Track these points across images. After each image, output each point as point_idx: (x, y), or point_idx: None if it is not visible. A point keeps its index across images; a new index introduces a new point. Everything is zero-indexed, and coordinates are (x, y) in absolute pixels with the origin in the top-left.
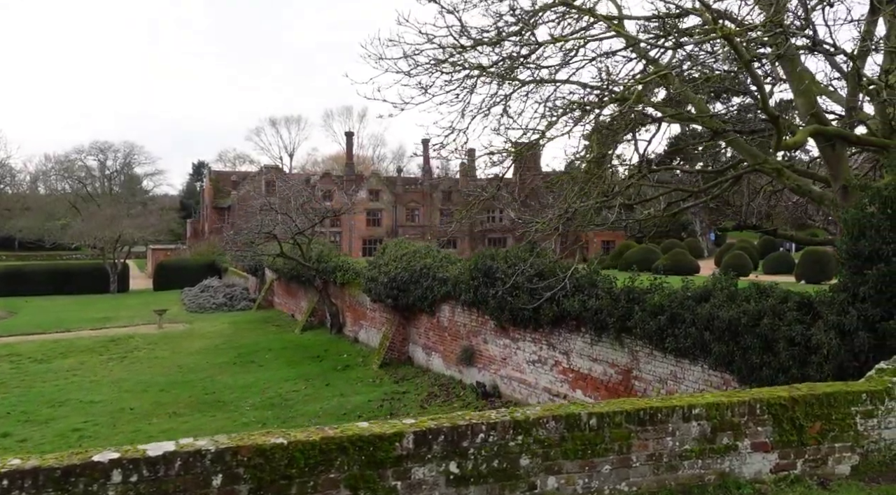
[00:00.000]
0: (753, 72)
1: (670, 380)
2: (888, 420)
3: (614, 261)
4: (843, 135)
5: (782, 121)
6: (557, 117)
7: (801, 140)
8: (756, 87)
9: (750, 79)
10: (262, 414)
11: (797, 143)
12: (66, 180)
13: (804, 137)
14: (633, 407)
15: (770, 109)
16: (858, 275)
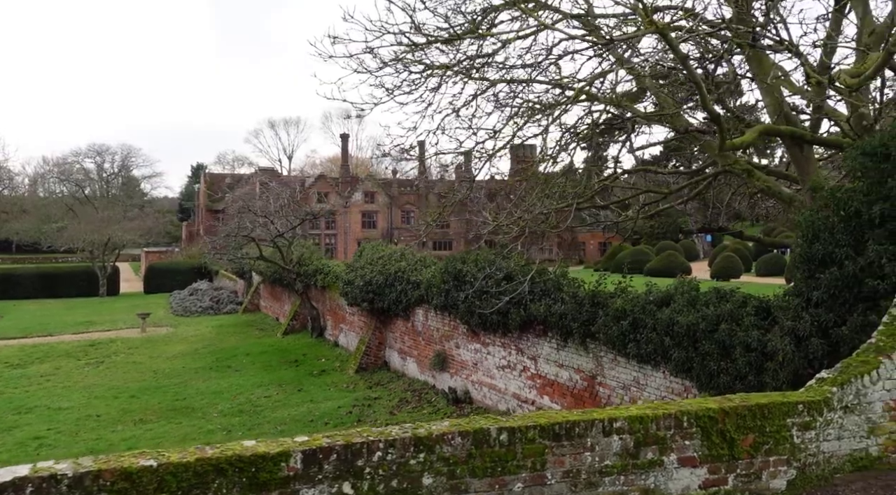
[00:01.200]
0: (689, 68)
1: (633, 387)
2: (827, 432)
3: (607, 263)
4: (797, 134)
5: (725, 119)
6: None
7: (750, 140)
8: (694, 83)
9: (687, 75)
10: (228, 421)
11: (745, 143)
12: (64, 183)
13: (754, 137)
14: (547, 420)
15: (711, 107)
16: (812, 280)
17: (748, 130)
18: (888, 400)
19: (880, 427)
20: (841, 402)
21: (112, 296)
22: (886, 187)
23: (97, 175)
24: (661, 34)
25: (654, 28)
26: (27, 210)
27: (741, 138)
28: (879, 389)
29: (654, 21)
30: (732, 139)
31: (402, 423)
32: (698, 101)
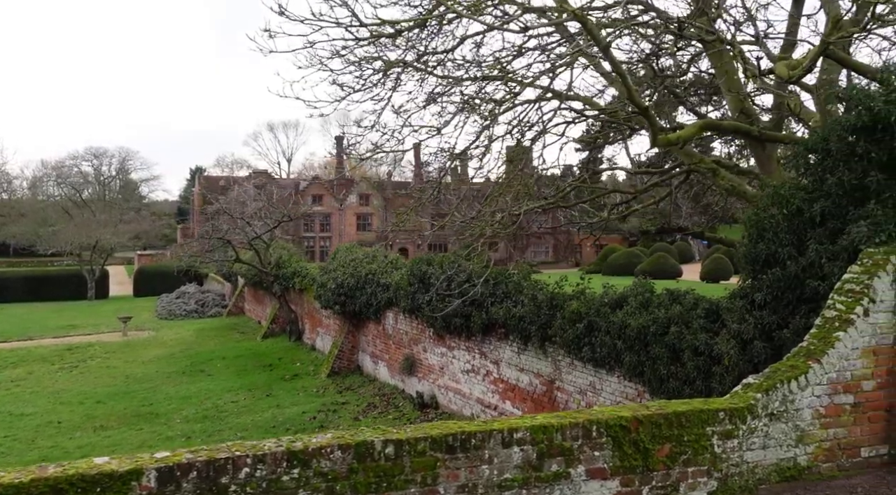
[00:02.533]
0: (612, 58)
1: (589, 391)
2: (751, 440)
3: (599, 264)
4: (741, 129)
5: (650, 111)
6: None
7: (688, 134)
8: (618, 75)
9: (610, 66)
10: (190, 428)
11: (683, 138)
12: (61, 186)
13: (694, 132)
14: (440, 432)
15: (638, 100)
16: (756, 281)
17: (688, 125)
18: (818, 407)
19: (809, 435)
20: (766, 409)
21: (101, 299)
22: (826, 184)
23: (94, 178)
24: (580, 21)
25: (573, 16)
26: (25, 213)
27: (679, 133)
28: (808, 395)
29: (574, 11)
30: (667, 134)
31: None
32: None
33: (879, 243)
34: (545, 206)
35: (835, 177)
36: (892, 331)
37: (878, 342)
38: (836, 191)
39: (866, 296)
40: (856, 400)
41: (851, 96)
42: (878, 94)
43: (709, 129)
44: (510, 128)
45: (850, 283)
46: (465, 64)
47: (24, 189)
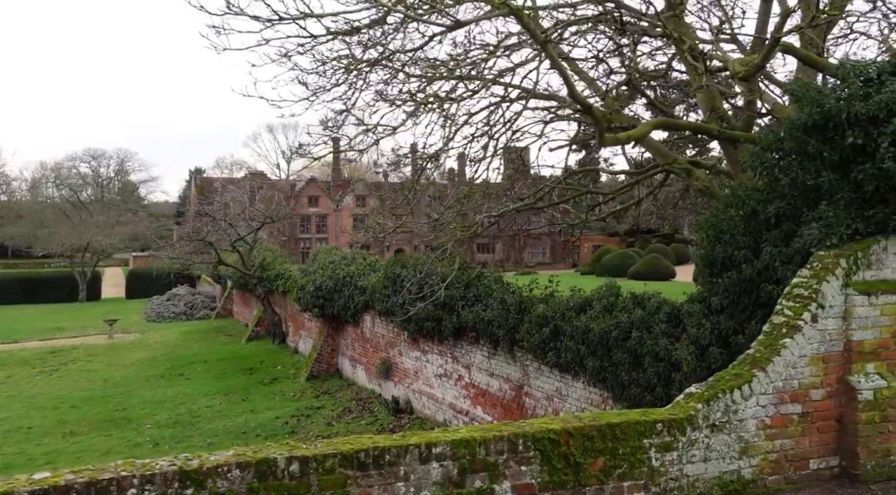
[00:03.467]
0: (550, 53)
1: (556, 397)
2: (692, 453)
3: (594, 266)
4: (699, 129)
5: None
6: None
7: (640, 134)
8: (557, 71)
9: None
10: (160, 434)
11: (635, 137)
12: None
13: (647, 130)
14: (350, 447)
15: (580, 97)
16: (713, 284)
17: (641, 123)
18: (763, 418)
19: (754, 447)
20: (707, 420)
21: (93, 301)
22: (780, 185)
23: (93, 180)
24: (515, 16)
25: (507, 10)
26: (23, 215)
27: (629, 132)
28: (752, 405)
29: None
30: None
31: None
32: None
33: (830, 246)
34: (520, 208)
35: (788, 178)
36: (843, 338)
37: (828, 349)
38: (791, 191)
39: (814, 301)
40: (804, 409)
41: (803, 94)
42: (829, 91)
43: (663, 128)
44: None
45: (798, 288)
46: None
47: (24, 191)
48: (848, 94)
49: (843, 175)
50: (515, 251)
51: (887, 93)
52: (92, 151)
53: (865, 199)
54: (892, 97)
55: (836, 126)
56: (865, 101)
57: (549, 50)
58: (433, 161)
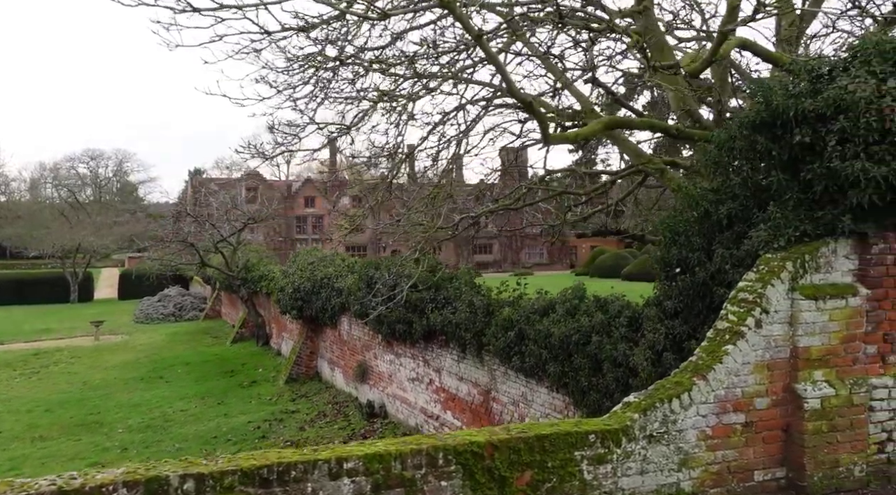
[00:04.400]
0: (486, 48)
1: (521, 402)
2: (627, 465)
3: (588, 266)
4: (655, 127)
5: (537, 108)
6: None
7: (589, 132)
8: (495, 67)
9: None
10: (131, 438)
11: (584, 135)
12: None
13: (597, 129)
14: (253, 464)
15: (519, 94)
16: (668, 288)
17: (592, 121)
18: (704, 428)
19: (694, 458)
20: (644, 431)
21: (85, 302)
22: (732, 185)
23: (91, 180)
24: (447, 8)
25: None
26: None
27: (578, 130)
28: (692, 415)
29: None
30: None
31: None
32: None
33: (778, 248)
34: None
35: (739, 178)
36: (789, 344)
37: (773, 356)
38: (743, 192)
39: (759, 306)
40: (748, 419)
41: (752, 89)
42: (778, 86)
43: (617, 127)
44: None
45: (743, 292)
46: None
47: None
48: (798, 91)
49: (792, 175)
50: (513, 252)
51: (835, 89)
52: (90, 152)
53: (815, 200)
54: (839, 94)
55: (784, 124)
56: (814, 98)
57: (483, 44)
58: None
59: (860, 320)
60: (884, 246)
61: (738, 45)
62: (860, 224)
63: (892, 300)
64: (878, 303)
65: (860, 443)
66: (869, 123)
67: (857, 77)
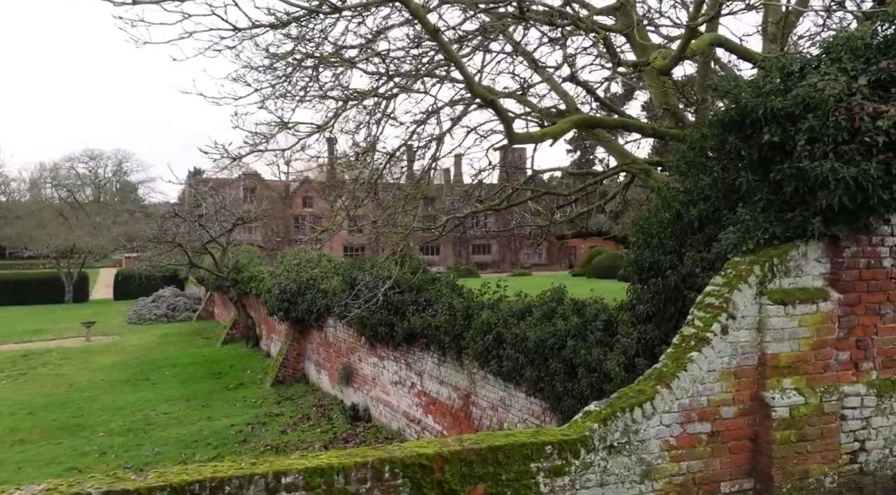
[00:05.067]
0: (443, 43)
1: (500, 407)
2: (586, 477)
3: (585, 267)
4: (629, 126)
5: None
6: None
7: (558, 131)
8: (453, 63)
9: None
10: (110, 442)
11: (553, 134)
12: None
13: (566, 127)
14: (184, 479)
15: (480, 91)
16: (640, 291)
17: (561, 120)
18: (667, 438)
19: (657, 469)
20: (604, 441)
21: (80, 302)
22: (702, 185)
23: (91, 180)
24: (402, 2)
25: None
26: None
27: (545, 129)
28: (655, 425)
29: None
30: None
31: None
32: None
33: (746, 251)
34: (479, 211)
35: (710, 178)
36: (757, 351)
37: (740, 363)
38: (714, 193)
39: (725, 311)
40: (713, 428)
41: (721, 87)
42: (748, 85)
43: (587, 125)
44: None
45: (710, 297)
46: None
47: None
48: (768, 89)
49: (762, 175)
50: (511, 252)
51: (804, 87)
52: (90, 152)
53: (785, 201)
54: (808, 92)
55: (754, 122)
56: (783, 97)
57: (440, 38)
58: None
59: (832, 326)
60: (856, 249)
61: (711, 42)
62: (831, 226)
63: (865, 305)
64: (850, 309)
65: (831, 453)
66: (838, 122)
67: (828, 74)
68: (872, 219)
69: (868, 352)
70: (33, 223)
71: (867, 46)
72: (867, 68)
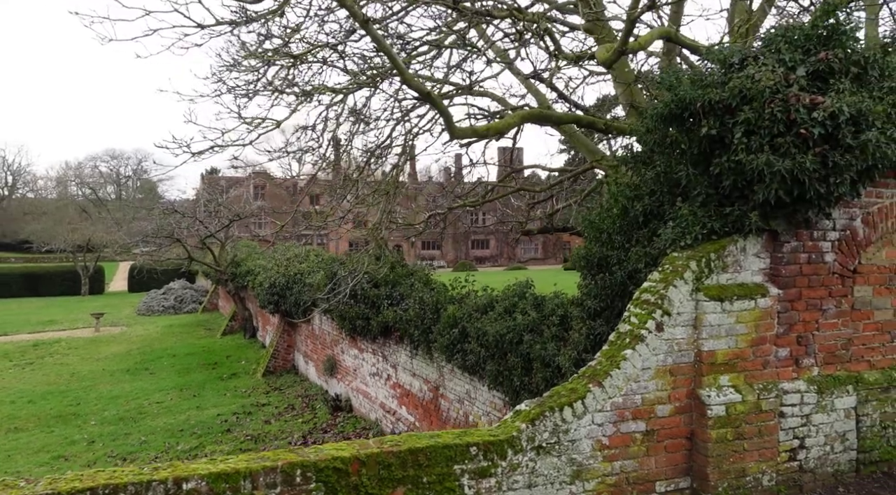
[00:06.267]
0: (373, 34)
1: (466, 400)
2: (513, 479)
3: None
4: (581, 121)
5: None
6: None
7: (505, 125)
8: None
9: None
10: (100, 430)
11: (496, 130)
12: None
13: (513, 122)
14: (72, 487)
15: (414, 82)
16: (588, 287)
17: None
18: (600, 437)
19: (589, 470)
20: (532, 442)
21: (95, 295)
22: (645, 179)
23: (113, 179)
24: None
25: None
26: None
27: (491, 124)
28: (587, 424)
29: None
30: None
31: None
32: None
33: (685, 247)
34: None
35: (653, 172)
36: (693, 348)
37: (676, 360)
38: (658, 187)
39: (660, 308)
40: (648, 427)
41: (662, 80)
42: (686, 77)
43: (536, 120)
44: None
45: (646, 293)
46: None
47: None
48: (708, 81)
49: (703, 169)
50: (508, 247)
51: (740, 78)
52: (111, 151)
53: (725, 196)
54: (744, 83)
55: (693, 115)
56: (722, 88)
57: (370, 29)
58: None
59: (770, 322)
60: (796, 243)
61: (661, 35)
62: (770, 221)
63: (805, 300)
64: (790, 304)
65: (769, 451)
66: (774, 114)
67: (765, 65)
68: (812, 214)
69: (809, 348)
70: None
71: (807, 37)
72: (806, 59)
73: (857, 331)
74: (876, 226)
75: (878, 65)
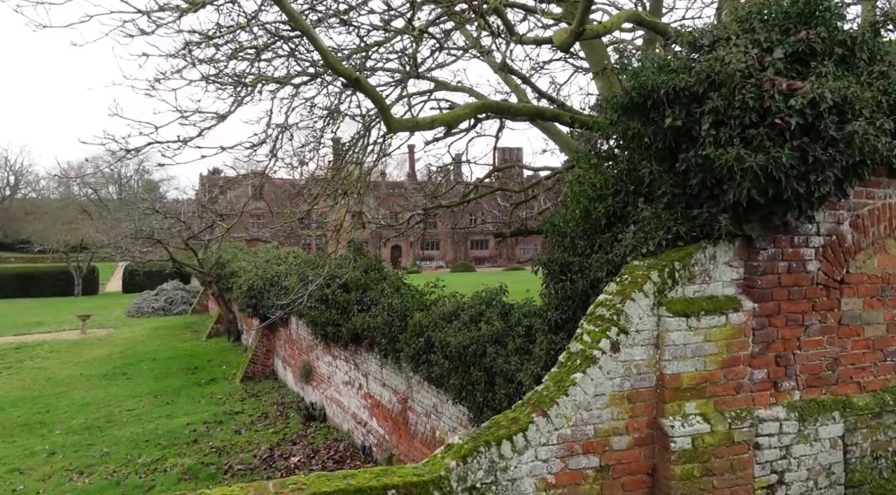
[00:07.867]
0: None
1: (433, 413)
2: None
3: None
4: (544, 113)
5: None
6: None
7: (453, 117)
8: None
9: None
10: (63, 440)
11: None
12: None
13: (463, 113)
14: None
15: (340, 67)
16: (549, 298)
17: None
18: (545, 475)
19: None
20: (464, 482)
21: (89, 295)
22: (607, 178)
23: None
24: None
25: None
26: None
27: (438, 115)
28: (529, 460)
29: None
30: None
31: None
32: None
33: (647, 254)
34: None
35: (616, 170)
36: (654, 371)
37: (634, 385)
38: (622, 186)
39: (615, 325)
40: (602, 462)
41: (622, 65)
42: (649, 62)
43: (489, 112)
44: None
45: (601, 307)
46: None
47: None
48: (674, 66)
49: (668, 166)
50: (508, 247)
51: (708, 61)
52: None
53: (693, 196)
54: (712, 66)
55: (656, 104)
56: (688, 73)
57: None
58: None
59: (744, 340)
60: (774, 250)
61: (628, 18)
62: (742, 225)
63: (785, 315)
64: (767, 319)
65: (743, 489)
66: (745, 101)
67: (737, 46)
68: (790, 216)
69: (789, 369)
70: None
71: (786, 15)
72: (784, 39)
73: (844, 349)
74: (866, 231)
75: (867, 46)
